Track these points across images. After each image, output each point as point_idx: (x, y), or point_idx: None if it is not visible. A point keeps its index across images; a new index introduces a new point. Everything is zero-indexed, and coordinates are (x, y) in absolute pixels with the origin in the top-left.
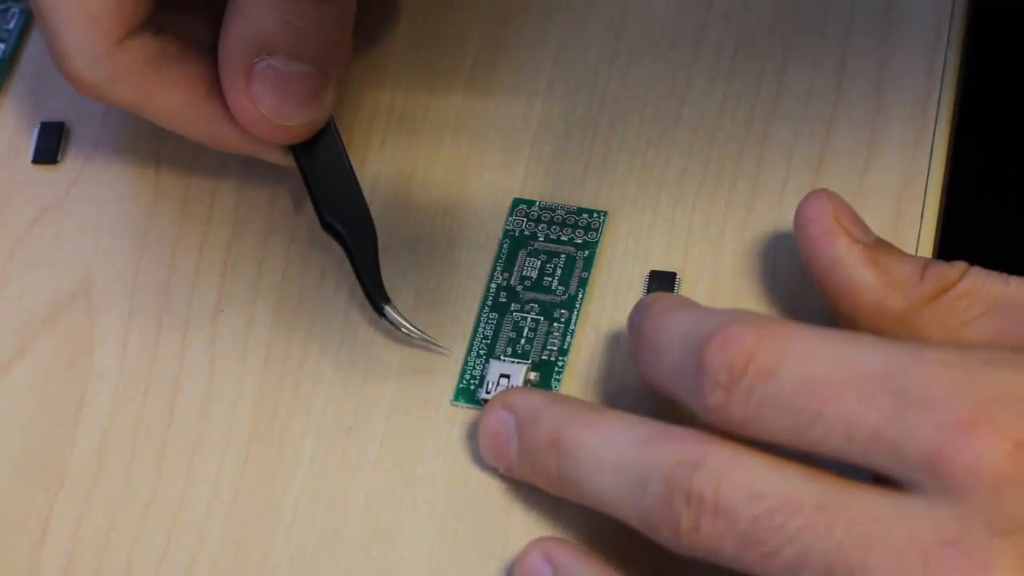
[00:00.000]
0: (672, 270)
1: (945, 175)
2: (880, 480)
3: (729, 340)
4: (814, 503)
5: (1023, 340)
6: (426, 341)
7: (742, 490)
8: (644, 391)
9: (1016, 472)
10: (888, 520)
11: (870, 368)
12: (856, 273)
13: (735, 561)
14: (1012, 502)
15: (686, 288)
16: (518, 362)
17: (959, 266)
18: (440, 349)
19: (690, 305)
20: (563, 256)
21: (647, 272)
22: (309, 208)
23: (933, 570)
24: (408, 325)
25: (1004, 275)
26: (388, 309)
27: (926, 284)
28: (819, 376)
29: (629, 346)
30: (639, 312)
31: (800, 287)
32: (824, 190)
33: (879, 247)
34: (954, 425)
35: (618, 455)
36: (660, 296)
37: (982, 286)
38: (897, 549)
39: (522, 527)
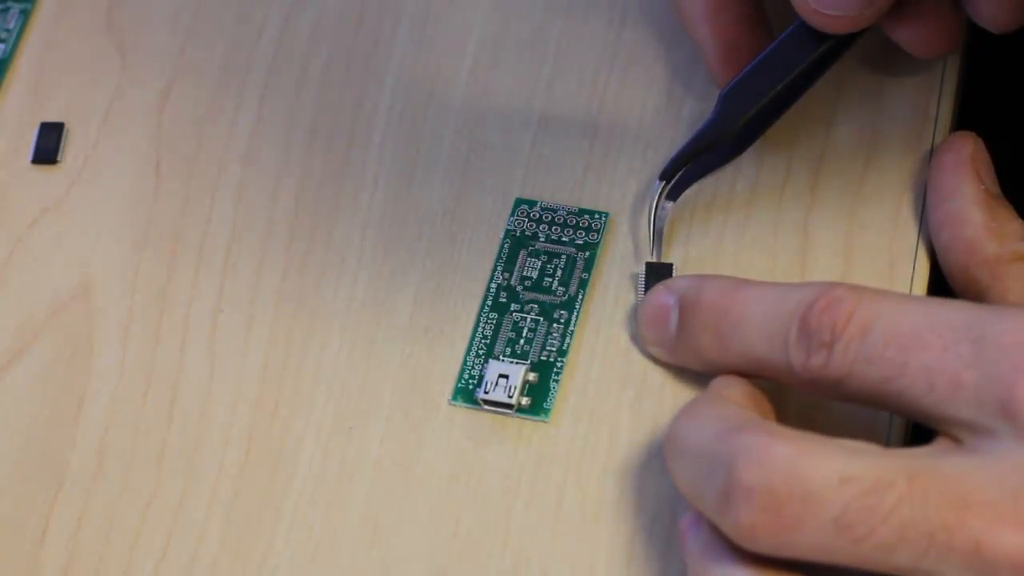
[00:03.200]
0: (669, 262)
1: None
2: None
3: (833, 301)
4: (905, 474)
5: None
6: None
7: (829, 476)
8: (643, 391)
9: None
10: (976, 473)
11: (954, 320)
12: (968, 207)
13: (818, 553)
14: None
15: None
16: (517, 362)
17: None
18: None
19: (758, 281)
20: (564, 257)
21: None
22: (309, 208)
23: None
24: (655, 203)
25: None
26: (657, 183)
27: None
28: (907, 329)
29: (671, 327)
30: (684, 291)
31: None
32: (974, 135)
33: (998, 198)
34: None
35: (698, 445)
36: (708, 276)
37: None
38: (990, 499)
39: (522, 527)
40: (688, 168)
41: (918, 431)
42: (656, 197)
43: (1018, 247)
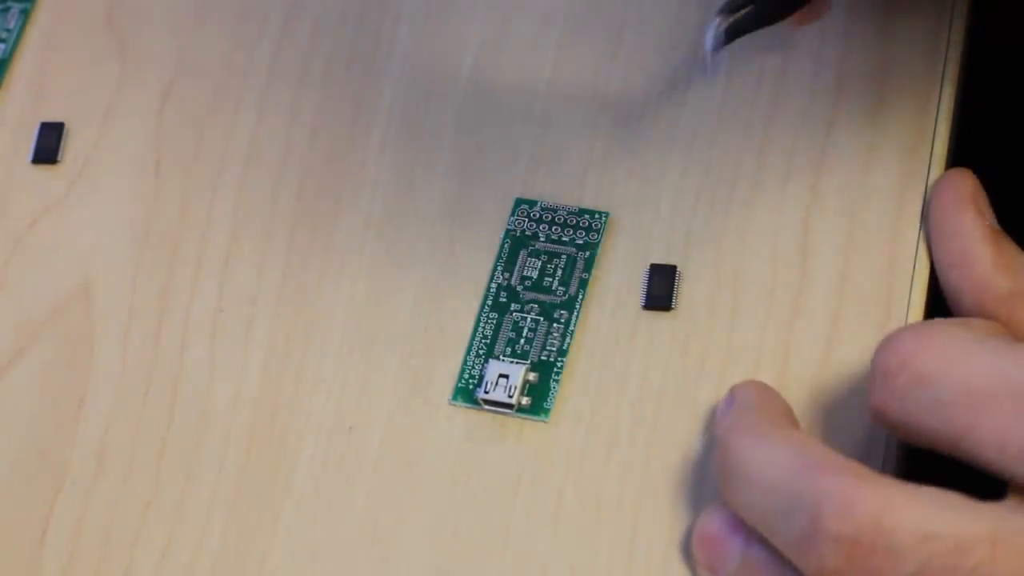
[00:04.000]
0: (672, 263)
1: None
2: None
3: (890, 342)
4: (987, 536)
5: None
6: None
7: (913, 533)
8: (643, 391)
9: None
10: None
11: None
12: (975, 245)
13: None
14: None
15: (686, 287)
16: (517, 362)
17: None
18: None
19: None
20: (564, 257)
21: (647, 268)
22: (308, 208)
23: None
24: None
25: None
26: (715, 23)
27: None
28: (976, 387)
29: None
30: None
31: (801, 285)
32: (968, 171)
33: (1002, 233)
34: None
35: (775, 477)
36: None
37: None
38: None
39: (522, 527)
40: (747, 14)
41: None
42: (713, 30)
43: None
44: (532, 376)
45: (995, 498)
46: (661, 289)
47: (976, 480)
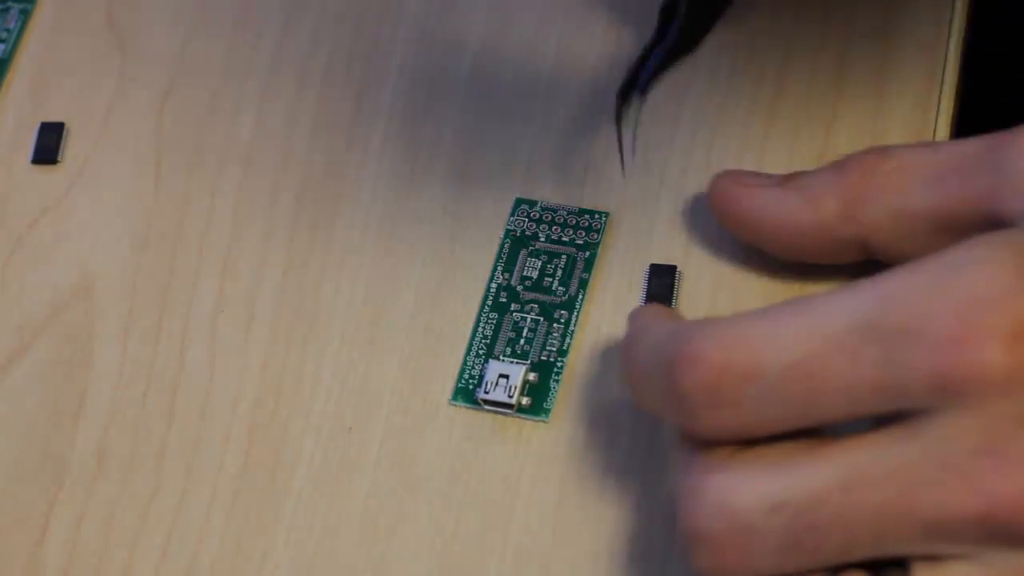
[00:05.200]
0: (672, 264)
1: None
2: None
3: (694, 361)
4: (837, 484)
5: (967, 200)
6: (621, 153)
7: (759, 508)
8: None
9: (1019, 362)
10: (913, 460)
11: (843, 326)
12: (781, 206)
13: (779, 571)
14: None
15: (687, 287)
16: (517, 362)
17: (874, 148)
18: (624, 162)
19: (656, 323)
20: (564, 257)
21: (647, 268)
22: (309, 208)
23: (975, 483)
24: (625, 136)
25: (931, 142)
26: (628, 103)
27: (849, 173)
28: (800, 357)
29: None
30: (625, 337)
31: (801, 286)
32: (718, 173)
33: (786, 176)
34: (944, 345)
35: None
36: (635, 314)
37: (910, 157)
38: (934, 480)
39: (522, 527)
40: (646, 68)
41: None
42: (618, 111)
43: (848, 180)
44: (532, 376)
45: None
46: (661, 289)
47: None
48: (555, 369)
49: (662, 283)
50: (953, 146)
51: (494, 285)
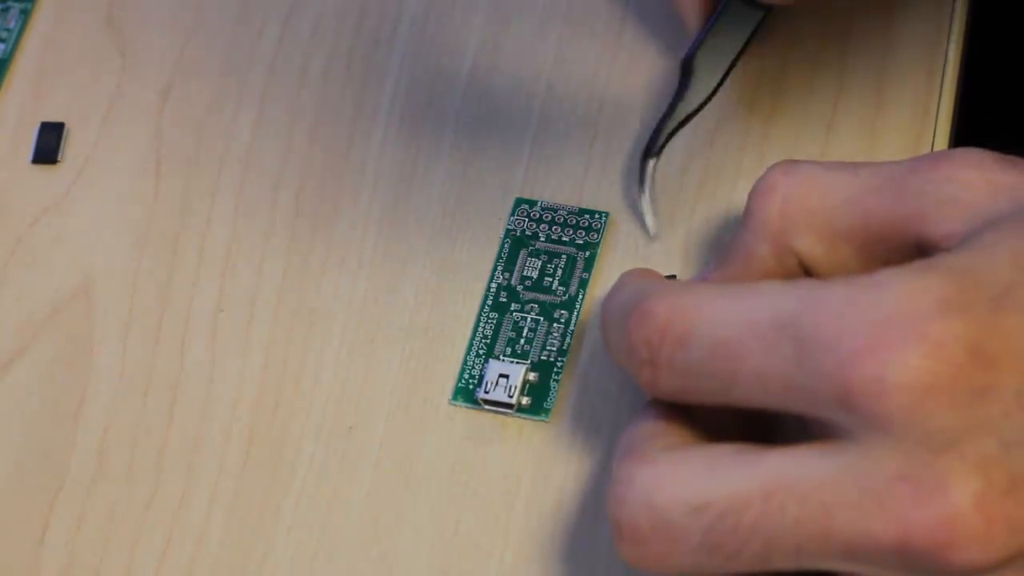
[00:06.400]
0: (672, 272)
1: None
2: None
3: (644, 315)
4: (760, 492)
5: (891, 221)
6: (643, 215)
7: (682, 507)
8: (643, 393)
9: (927, 382)
10: (834, 479)
11: (767, 317)
12: (725, 298)
13: (700, 570)
14: (936, 413)
15: None
16: (517, 362)
17: (773, 171)
18: (648, 226)
19: (634, 279)
20: (564, 257)
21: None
22: (308, 207)
23: (892, 510)
24: (647, 194)
25: (847, 163)
26: (650, 162)
27: (759, 212)
28: (724, 336)
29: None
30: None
31: None
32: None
33: (719, 262)
34: (848, 358)
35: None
36: (623, 274)
37: (826, 177)
38: (852, 503)
39: (522, 527)
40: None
41: None
42: (651, 176)
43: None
44: (532, 376)
45: None
46: None
47: None
48: (555, 369)
49: None
50: (873, 168)
51: (494, 285)
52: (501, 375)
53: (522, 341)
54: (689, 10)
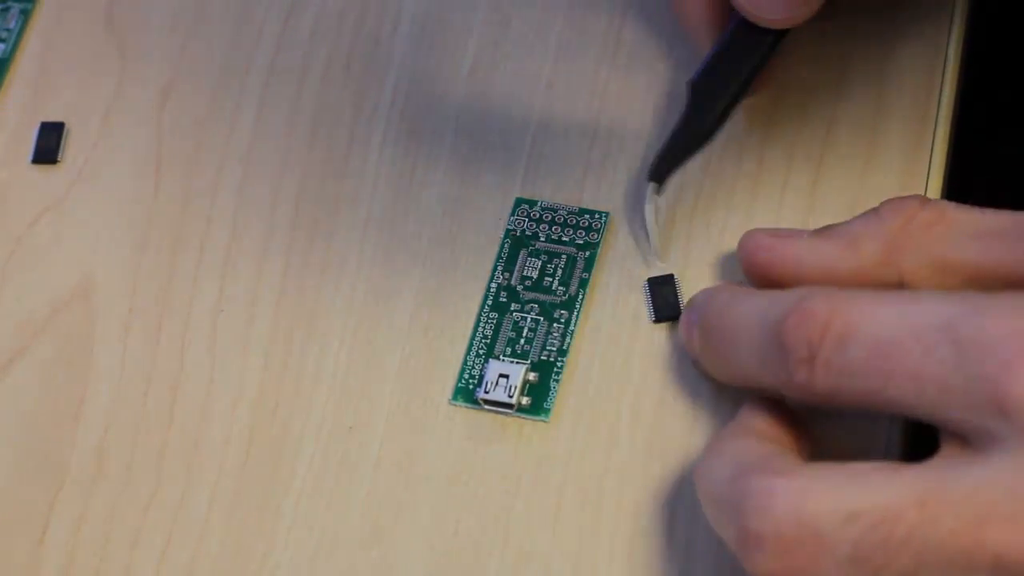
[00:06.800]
0: (669, 272)
1: (945, 175)
2: (954, 442)
3: (805, 315)
4: (914, 501)
5: (1011, 263)
6: (647, 247)
7: (834, 515)
8: (643, 391)
9: None
10: (986, 487)
11: (928, 320)
12: (818, 254)
13: None
14: None
15: (686, 289)
16: (517, 362)
17: (912, 196)
18: (652, 259)
19: (753, 291)
20: (564, 256)
21: (647, 275)
22: (308, 207)
23: None
24: (652, 222)
25: (973, 207)
26: (650, 186)
27: (890, 218)
28: (885, 336)
29: (697, 345)
30: (699, 309)
31: None
32: (749, 231)
33: (821, 229)
34: (1010, 363)
35: (715, 492)
36: (717, 289)
37: (954, 213)
38: (1006, 515)
39: (522, 527)
40: (670, 160)
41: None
42: (651, 200)
43: (887, 225)
44: (532, 376)
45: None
46: (666, 301)
47: None
48: (555, 369)
49: (665, 295)
50: (999, 212)
51: (494, 285)
52: (501, 375)
53: (522, 341)
54: (698, 28)
